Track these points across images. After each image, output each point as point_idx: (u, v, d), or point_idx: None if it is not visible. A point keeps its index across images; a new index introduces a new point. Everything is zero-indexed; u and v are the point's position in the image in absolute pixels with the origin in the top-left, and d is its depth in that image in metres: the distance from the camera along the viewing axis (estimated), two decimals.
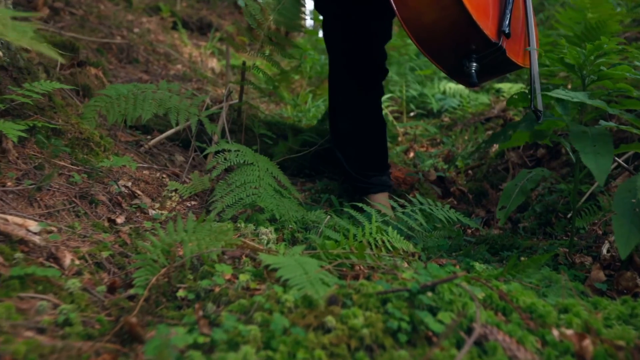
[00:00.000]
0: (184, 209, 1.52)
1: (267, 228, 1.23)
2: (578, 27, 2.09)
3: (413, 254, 1.24)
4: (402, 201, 1.53)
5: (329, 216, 1.45)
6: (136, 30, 4.48)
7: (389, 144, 2.59)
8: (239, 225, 1.26)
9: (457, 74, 1.53)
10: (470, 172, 3.13)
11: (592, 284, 1.30)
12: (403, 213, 1.43)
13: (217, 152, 1.66)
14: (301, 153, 2.35)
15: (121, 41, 3.38)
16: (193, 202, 1.58)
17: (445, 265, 1.15)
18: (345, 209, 1.55)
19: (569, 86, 2.65)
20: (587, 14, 2.12)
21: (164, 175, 1.73)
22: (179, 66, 4.16)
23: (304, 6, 2.28)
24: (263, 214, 1.37)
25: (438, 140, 3.99)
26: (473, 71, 1.42)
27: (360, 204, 1.51)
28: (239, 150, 1.57)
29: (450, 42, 1.44)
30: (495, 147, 2.96)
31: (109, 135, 1.87)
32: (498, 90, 4.33)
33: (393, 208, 1.51)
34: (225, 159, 1.54)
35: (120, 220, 1.31)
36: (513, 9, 1.46)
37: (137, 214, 1.39)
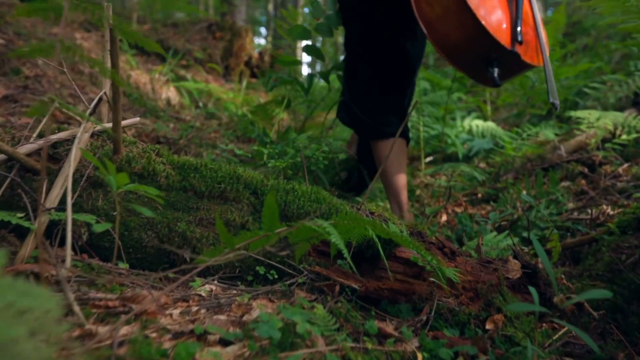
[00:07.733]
0: None
1: None
2: None
3: None
4: None
5: None
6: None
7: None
8: None
9: (480, 78, 1.78)
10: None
11: None
12: None
13: None
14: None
15: None
16: None
17: None
18: None
19: None
20: None
21: None
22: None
23: None
24: None
25: (479, 195, 2.70)
26: (496, 75, 1.66)
27: None
28: None
29: (474, 54, 1.68)
30: (608, 209, 1.67)
31: None
32: (570, 120, 3.07)
33: None
34: None
35: None
36: (522, 18, 1.69)
37: None
